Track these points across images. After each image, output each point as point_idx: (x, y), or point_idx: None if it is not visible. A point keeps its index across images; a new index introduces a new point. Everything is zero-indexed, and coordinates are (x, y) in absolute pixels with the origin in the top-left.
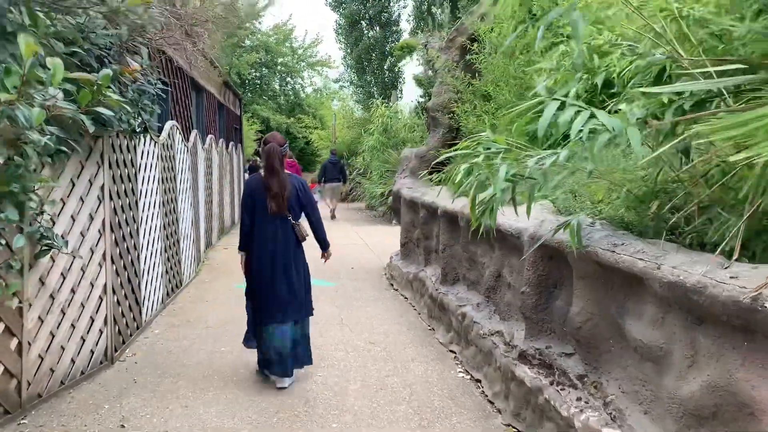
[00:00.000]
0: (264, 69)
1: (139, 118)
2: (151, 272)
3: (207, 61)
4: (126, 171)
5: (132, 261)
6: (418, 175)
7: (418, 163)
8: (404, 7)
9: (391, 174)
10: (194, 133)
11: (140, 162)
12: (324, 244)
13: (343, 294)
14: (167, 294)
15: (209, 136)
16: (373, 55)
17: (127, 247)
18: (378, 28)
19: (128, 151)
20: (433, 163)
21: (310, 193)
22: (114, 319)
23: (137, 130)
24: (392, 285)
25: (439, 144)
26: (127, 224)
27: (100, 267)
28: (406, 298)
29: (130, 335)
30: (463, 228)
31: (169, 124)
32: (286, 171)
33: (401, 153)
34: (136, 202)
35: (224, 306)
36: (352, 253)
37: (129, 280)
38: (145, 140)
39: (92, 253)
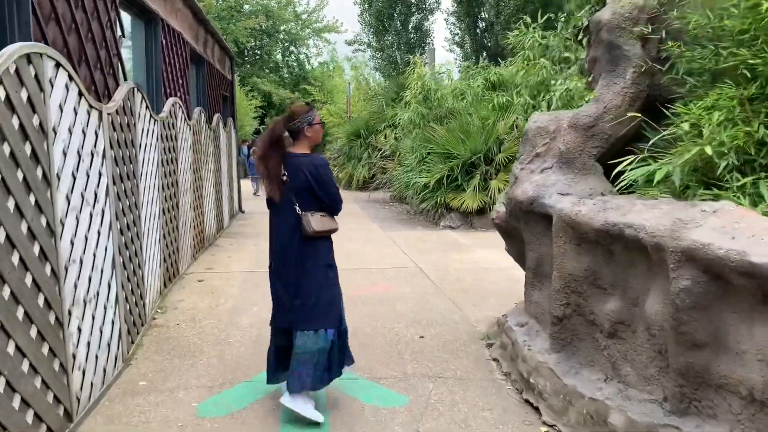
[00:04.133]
0: (265, 37)
1: None
2: None
3: None
4: None
5: None
6: (582, 165)
7: (579, 141)
8: None
9: (439, 158)
10: (123, 90)
11: None
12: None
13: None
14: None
15: (170, 100)
16: (397, 9)
17: None
18: None
19: None
20: (611, 140)
21: (327, 177)
22: None
23: None
24: (518, 389)
25: (624, 101)
26: None
27: None
28: None
29: None
30: None
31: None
32: (297, 149)
33: (529, 121)
34: None
35: None
36: (404, 290)
37: None
38: None
39: None
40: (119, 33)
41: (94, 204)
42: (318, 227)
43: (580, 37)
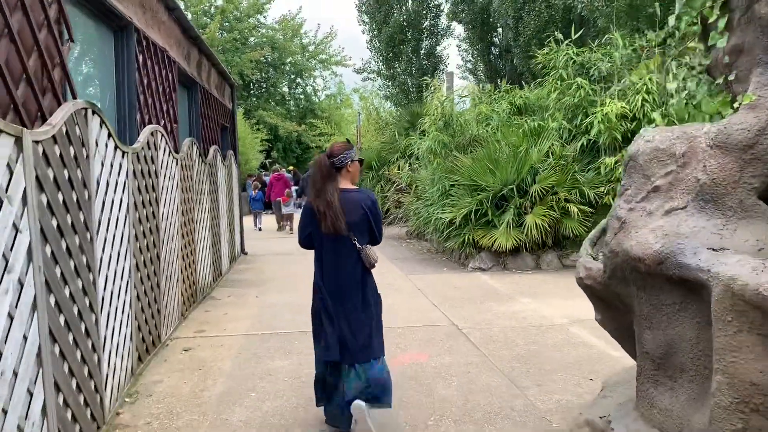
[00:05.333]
0: (270, 69)
1: None
2: None
3: None
4: None
5: None
6: (738, 204)
7: (731, 168)
8: None
9: (465, 191)
10: (66, 110)
11: None
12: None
13: None
14: None
15: (149, 128)
16: (408, 34)
17: None
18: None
19: None
20: None
21: (380, 211)
22: None
23: None
24: None
25: None
26: None
27: None
28: None
29: None
30: None
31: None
32: (347, 185)
33: (637, 140)
34: None
35: None
36: (443, 360)
37: None
38: None
39: None
40: (65, 36)
41: (3, 274)
42: (377, 258)
43: (713, 18)
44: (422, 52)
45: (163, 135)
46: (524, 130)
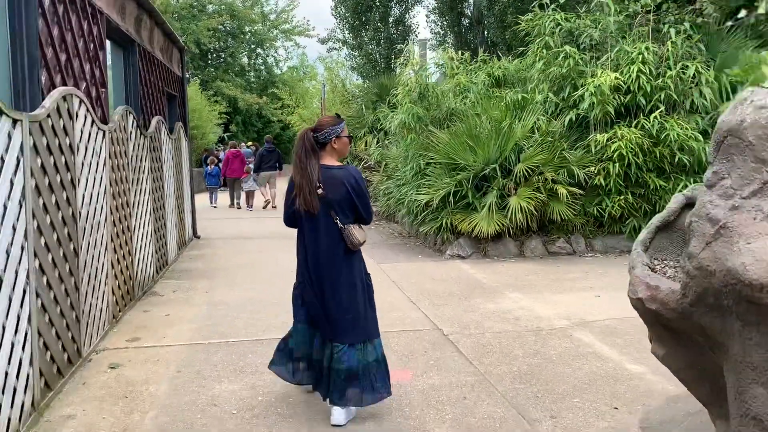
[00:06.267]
0: (229, 38)
1: None
2: None
3: None
4: None
5: None
6: None
7: None
8: None
9: (443, 170)
10: None
11: None
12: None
13: None
14: None
15: (58, 91)
16: (377, 0)
17: None
18: None
19: None
20: None
21: (365, 188)
22: None
23: None
24: None
25: None
26: None
27: None
28: None
29: None
30: None
31: None
32: (325, 161)
33: (738, 109)
34: None
35: None
36: (430, 381)
37: None
38: None
39: None
40: None
41: None
42: (362, 238)
43: None
44: (391, 20)
45: (82, 101)
46: (507, 104)
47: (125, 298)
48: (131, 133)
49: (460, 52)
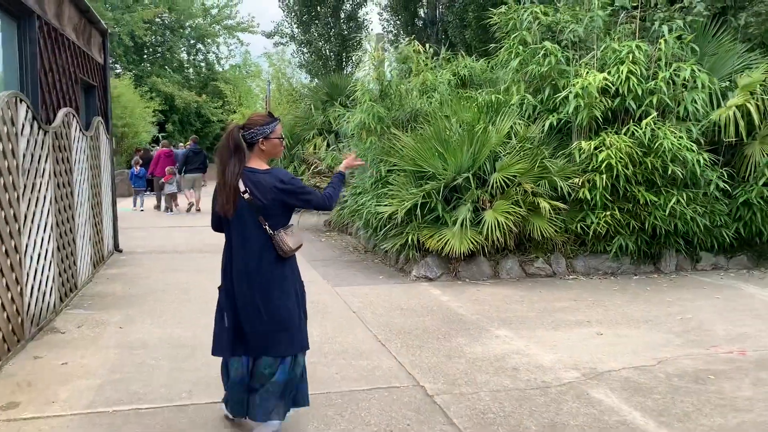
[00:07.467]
0: (167, 32)
1: None
2: None
3: None
4: None
5: None
6: None
7: None
8: None
9: (408, 178)
10: None
11: None
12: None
13: None
14: None
15: None
16: None
17: None
18: None
19: None
20: None
21: (297, 184)
22: None
23: None
24: None
25: None
26: None
27: None
28: None
29: None
30: None
31: None
32: (252, 164)
33: None
34: None
35: None
36: None
37: None
38: None
39: None
40: None
41: None
42: (294, 245)
43: None
44: (342, 15)
45: None
46: (479, 105)
47: (9, 340)
48: (22, 127)
49: (427, 45)
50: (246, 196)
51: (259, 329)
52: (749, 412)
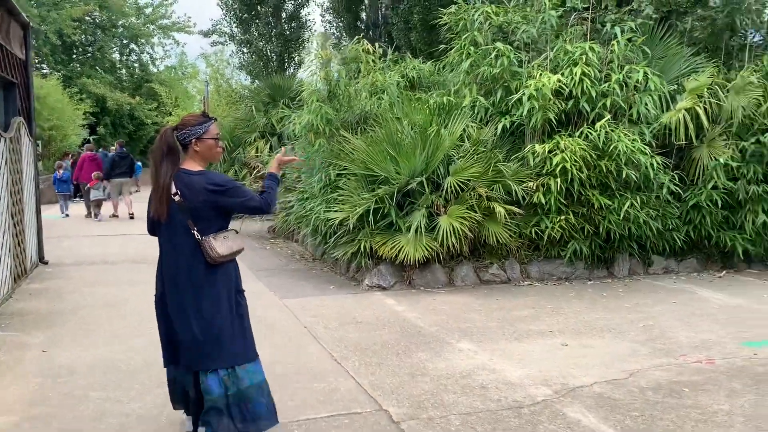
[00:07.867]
0: (98, 31)
1: None
2: None
3: None
4: None
5: None
6: None
7: None
8: None
9: (360, 183)
10: None
11: None
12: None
13: None
14: None
15: None
16: None
17: None
18: None
19: None
20: None
21: (231, 185)
22: None
23: None
24: None
25: None
26: None
27: None
28: None
29: None
30: None
31: None
32: (187, 166)
33: None
34: None
35: None
36: None
37: None
38: None
39: None
40: None
41: None
42: (224, 251)
43: None
44: (284, 15)
45: None
46: (431, 107)
47: None
48: None
49: (377, 44)
50: (177, 198)
51: (188, 339)
52: (730, 427)
